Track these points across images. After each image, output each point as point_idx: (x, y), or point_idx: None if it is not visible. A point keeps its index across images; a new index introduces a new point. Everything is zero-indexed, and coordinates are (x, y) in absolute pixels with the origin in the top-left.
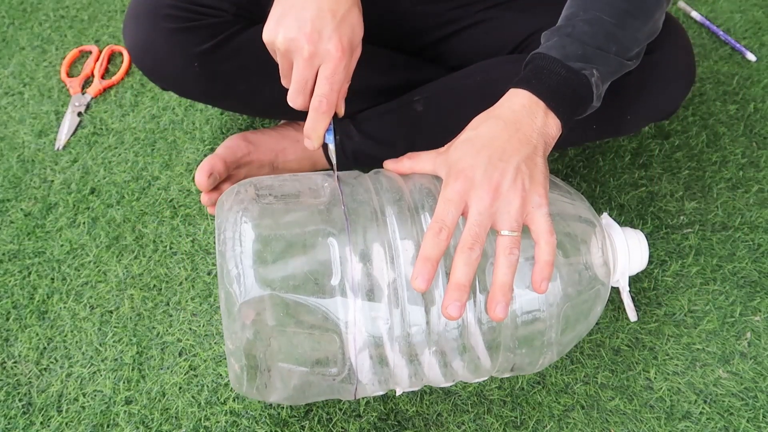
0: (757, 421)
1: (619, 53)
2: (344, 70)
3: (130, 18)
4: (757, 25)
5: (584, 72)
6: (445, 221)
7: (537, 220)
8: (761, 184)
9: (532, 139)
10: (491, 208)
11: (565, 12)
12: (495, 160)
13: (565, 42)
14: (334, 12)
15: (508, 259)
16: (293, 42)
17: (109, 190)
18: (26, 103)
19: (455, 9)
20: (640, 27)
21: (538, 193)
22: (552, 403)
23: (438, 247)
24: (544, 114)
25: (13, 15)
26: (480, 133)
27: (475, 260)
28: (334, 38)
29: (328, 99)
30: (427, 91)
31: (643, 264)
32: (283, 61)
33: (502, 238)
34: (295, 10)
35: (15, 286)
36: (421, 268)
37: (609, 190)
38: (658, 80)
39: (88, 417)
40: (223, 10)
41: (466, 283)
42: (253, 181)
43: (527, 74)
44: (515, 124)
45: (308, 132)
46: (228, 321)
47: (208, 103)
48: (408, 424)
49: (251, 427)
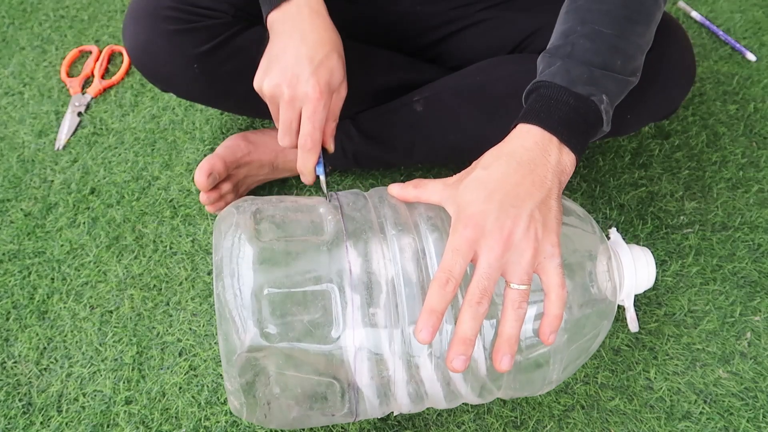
0: (757, 421)
1: (624, 66)
2: (324, 109)
3: (129, 20)
4: (757, 25)
5: (593, 98)
6: (453, 272)
7: (549, 271)
8: (761, 184)
9: (547, 180)
10: (502, 258)
11: (561, 27)
12: (507, 206)
13: (568, 65)
14: (311, 58)
15: (516, 312)
16: (276, 88)
17: (109, 190)
18: (26, 103)
19: (455, 9)
20: (643, 32)
21: (551, 242)
22: (552, 403)
23: (444, 300)
24: (557, 150)
25: (13, 15)
26: (491, 174)
27: (482, 314)
28: (312, 81)
29: (312, 137)
30: (427, 91)
31: (650, 283)
32: (271, 106)
33: (511, 291)
34: (278, 59)
35: (15, 286)
36: (426, 321)
37: (609, 190)
38: (658, 80)
39: (88, 417)
40: (222, 11)
41: (472, 337)
42: (252, 209)
43: (534, 106)
44: (529, 165)
45: (300, 168)
46: (227, 365)
47: (208, 104)
48: (408, 424)
49: (251, 427)
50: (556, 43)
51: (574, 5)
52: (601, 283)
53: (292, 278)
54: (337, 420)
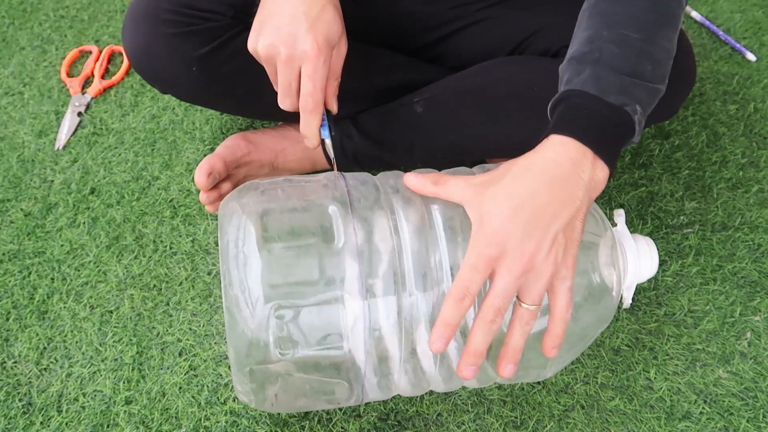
0: (757, 421)
1: (654, 73)
2: (324, 66)
3: (129, 22)
4: (757, 25)
5: (626, 108)
6: (470, 289)
7: (558, 293)
8: (761, 184)
9: (577, 199)
10: (519, 281)
11: (585, 33)
12: (532, 228)
13: (598, 73)
14: (307, 14)
15: (523, 328)
16: (271, 48)
17: (109, 190)
18: (26, 103)
19: (455, 8)
20: (670, 36)
21: (566, 265)
22: (552, 403)
23: (459, 314)
24: (591, 165)
25: (13, 15)
26: (520, 189)
27: (494, 331)
28: (309, 38)
29: (314, 97)
30: (427, 92)
31: (653, 272)
32: (268, 67)
33: (521, 309)
34: (271, 18)
35: (15, 286)
36: (440, 333)
37: (609, 190)
38: None
39: (88, 417)
40: (221, 14)
41: (483, 351)
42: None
43: (566, 116)
44: (561, 183)
45: (303, 131)
46: (237, 372)
47: (207, 106)
48: (408, 424)
49: (251, 427)
50: (581, 50)
51: (596, 9)
52: (603, 271)
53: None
54: (343, 404)
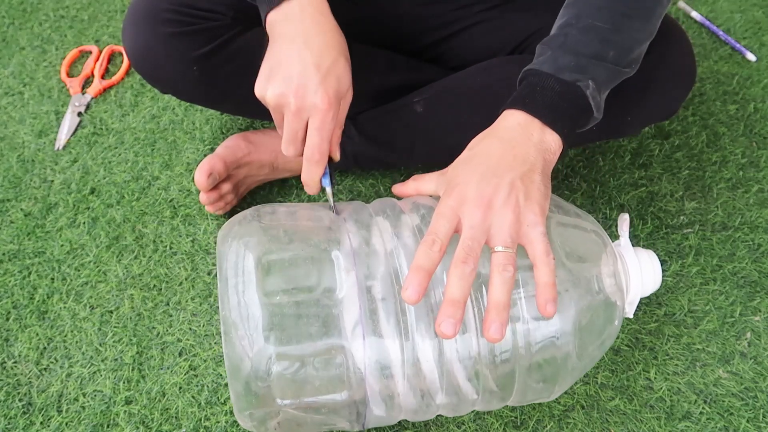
0: (757, 421)
1: (618, 58)
2: (332, 120)
3: (128, 23)
4: (757, 25)
5: (579, 84)
6: (438, 234)
7: (533, 240)
8: (761, 184)
9: (530, 156)
10: (484, 223)
11: (558, 21)
12: (489, 176)
13: (557, 54)
14: (318, 66)
15: (502, 276)
16: (281, 98)
17: (109, 190)
18: (26, 103)
19: (455, 10)
20: (641, 27)
21: (533, 210)
22: (552, 403)
23: (430, 258)
24: (540, 131)
25: (13, 15)
26: (476, 152)
27: (470, 274)
28: (320, 91)
29: (320, 149)
30: (427, 92)
31: (656, 286)
32: (275, 114)
33: (495, 254)
34: (282, 66)
35: (15, 286)
36: (412, 278)
37: (609, 190)
38: (659, 81)
39: (88, 417)
40: (221, 13)
41: (461, 299)
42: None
43: (521, 93)
44: (510, 142)
45: (305, 179)
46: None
47: (207, 106)
48: (408, 424)
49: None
50: (552, 34)
51: (572, 0)
52: (607, 288)
53: (303, 341)
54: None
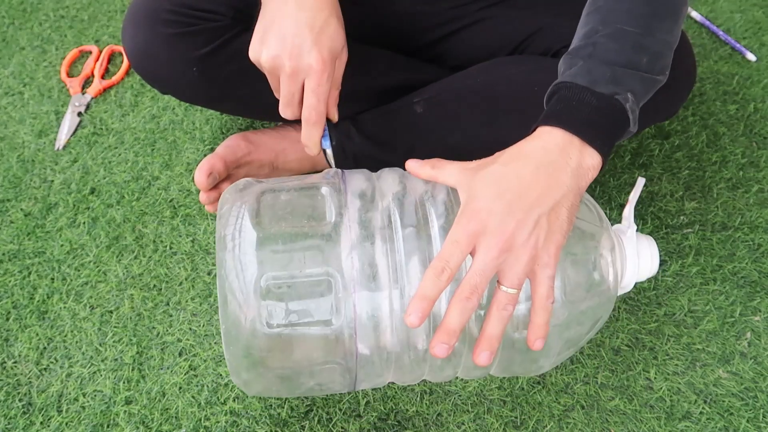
0: (757, 421)
1: (651, 64)
2: (328, 80)
3: (128, 23)
4: (757, 25)
5: (617, 97)
6: (449, 263)
7: (539, 280)
8: (761, 184)
9: (563, 185)
10: (498, 259)
11: (582, 30)
12: (515, 208)
13: (590, 65)
14: (311, 26)
15: (500, 314)
16: (276, 59)
17: (109, 190)
18: (26, 103)
19: (454, 8)
20: (670, 28)
21: (548, 252)
22: (552, 403)
23: (437, 288)
24: (579, 152)
25: (13, 15)
26: (507, 172)
27: (471, 309)
28: (314, 52)
29: (317, 110)
30: (427, 92)
31: (653, 271)
32: (271, 77)
33: (499, 292)
34: (274, 27)
35: (15, 286)
36: (416, 306)
37: (609, 190)
38: None
39: (88, 417)
40: (221, 14)
41: (457, 329)
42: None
43: (555, 108)
44: (547, 168)
45: (305, 141)
46: (229, 356)
47: (207, 106)
48: (408, 424)
49: (251, 427)
50: (577, 45)
51: (594, 6)
52: (603, 269)
53: (293, 269)
54: (335, 390)
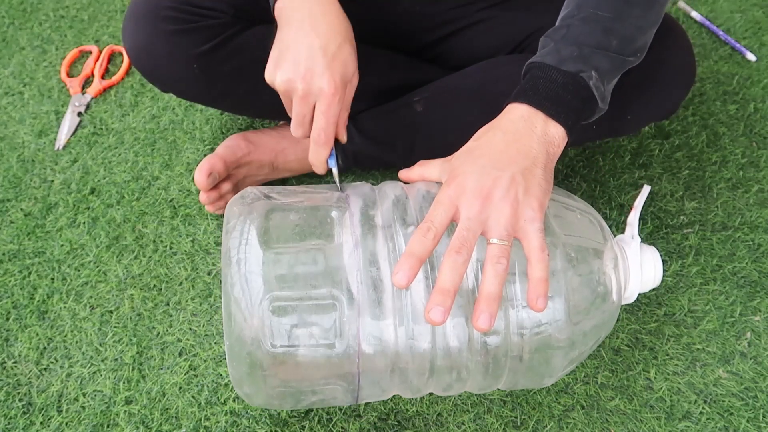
0: (757, 421)
1: (622, 47)
2: (338, 103)
3: (129, 20)
4: (757, 25)
5: (582, 74)
6: (434, 222)
7: (529, 234)
8: (761, 184)
9: (532, 149)
10: (481, 214)
11: (561, 14)
12: (489, 168)
13: (559, 46)
14: (325, 50)
15: (495, 268)
16: (289, 83)
17: (109, 190)
18: (26, 103)
19: (454, 9)
20: (643, 14)
21: (531, 206)
22: (552, 403)
23: (423, 246)
24: (543, 123)
25: (13, 15)
26: (479, 143)
27: (462, 265)
28: (326, 76)
29: (326, 131)
30: (426, 91)
31: (656, 282)
32: (284, 98)
33: (490, 246)
34: (290, 51)
35: (15, 286)
36: (403, 263)
37: (609, 190)
38: (659, 80)
39: (88, 417)
40: (222, 11)
41: (451, 288)
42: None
43: (524, 86)
44: (514, 135)
45: (312, 160)
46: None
47: (208, 104)
48: (408, 424)
49: (251, 427)
50: (555, 26)
51: None
52: (607, 287)
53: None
54: (338, 404)
